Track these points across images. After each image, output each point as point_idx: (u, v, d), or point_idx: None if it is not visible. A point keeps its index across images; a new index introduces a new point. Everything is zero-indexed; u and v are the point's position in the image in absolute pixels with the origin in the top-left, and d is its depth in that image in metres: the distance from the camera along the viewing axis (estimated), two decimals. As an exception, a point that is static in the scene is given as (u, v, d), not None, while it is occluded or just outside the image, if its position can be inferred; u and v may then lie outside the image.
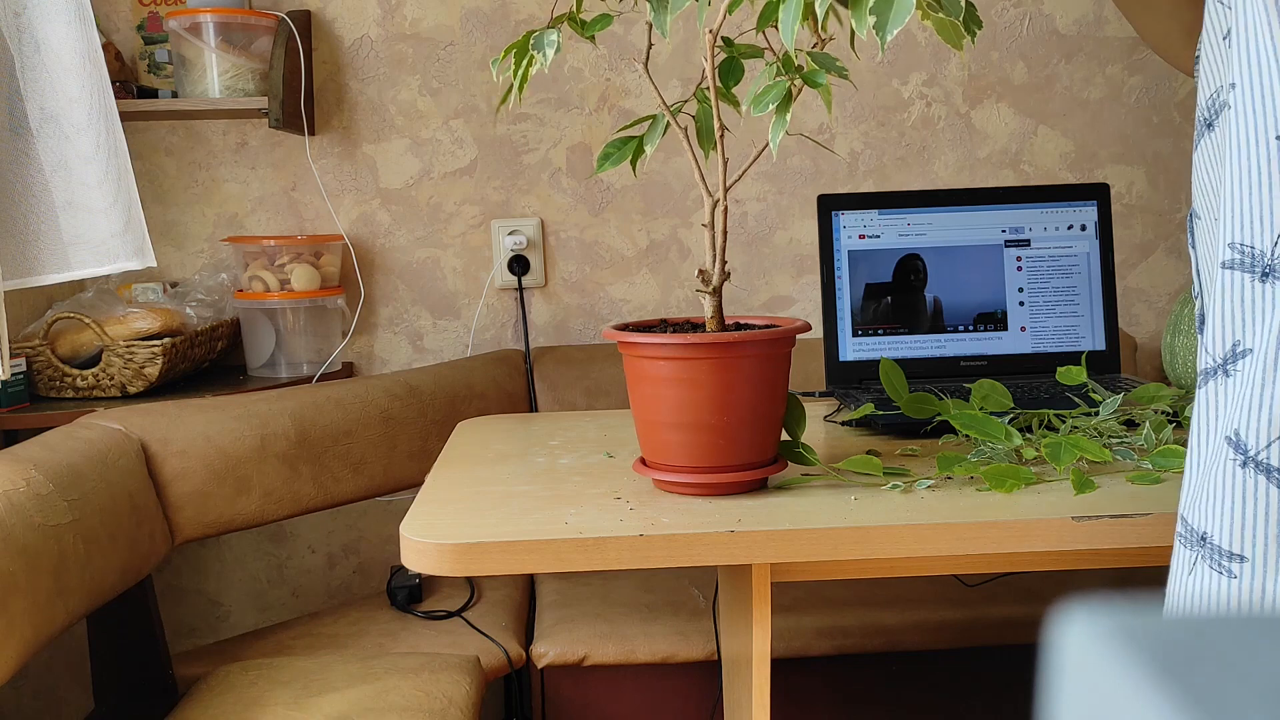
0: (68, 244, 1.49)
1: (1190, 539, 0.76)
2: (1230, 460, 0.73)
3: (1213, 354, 0.77)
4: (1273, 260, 0.74)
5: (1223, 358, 0.76)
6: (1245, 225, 0.75)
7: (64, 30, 1.47)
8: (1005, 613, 1.78)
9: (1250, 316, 0.75)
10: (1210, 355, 0.77)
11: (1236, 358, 0.75)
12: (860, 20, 0.86)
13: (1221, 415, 0.76)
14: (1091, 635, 0.25)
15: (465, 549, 0.95)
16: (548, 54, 1.05)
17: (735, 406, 1.02)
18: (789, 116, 0.96)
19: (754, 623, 1.04)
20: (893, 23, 0.84)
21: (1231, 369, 0.76)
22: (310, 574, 2.30)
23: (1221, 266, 0.76)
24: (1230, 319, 0.76)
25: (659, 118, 1.10)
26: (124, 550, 1.46)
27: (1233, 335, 0.76)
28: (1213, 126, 0.84)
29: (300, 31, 2.10)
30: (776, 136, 0.96)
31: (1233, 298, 0.75)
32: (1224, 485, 0.74)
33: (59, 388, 1.87)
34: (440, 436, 1.91)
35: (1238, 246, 0.75)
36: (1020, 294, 1.56)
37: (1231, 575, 0.73)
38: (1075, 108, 2.29)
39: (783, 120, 0.96)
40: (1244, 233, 0.75)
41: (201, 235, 2.23)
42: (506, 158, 2.25)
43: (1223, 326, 0.76)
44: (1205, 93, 0.85)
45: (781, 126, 0.96)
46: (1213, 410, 0.77)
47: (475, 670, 1.57)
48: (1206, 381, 0.78)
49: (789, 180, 2.28)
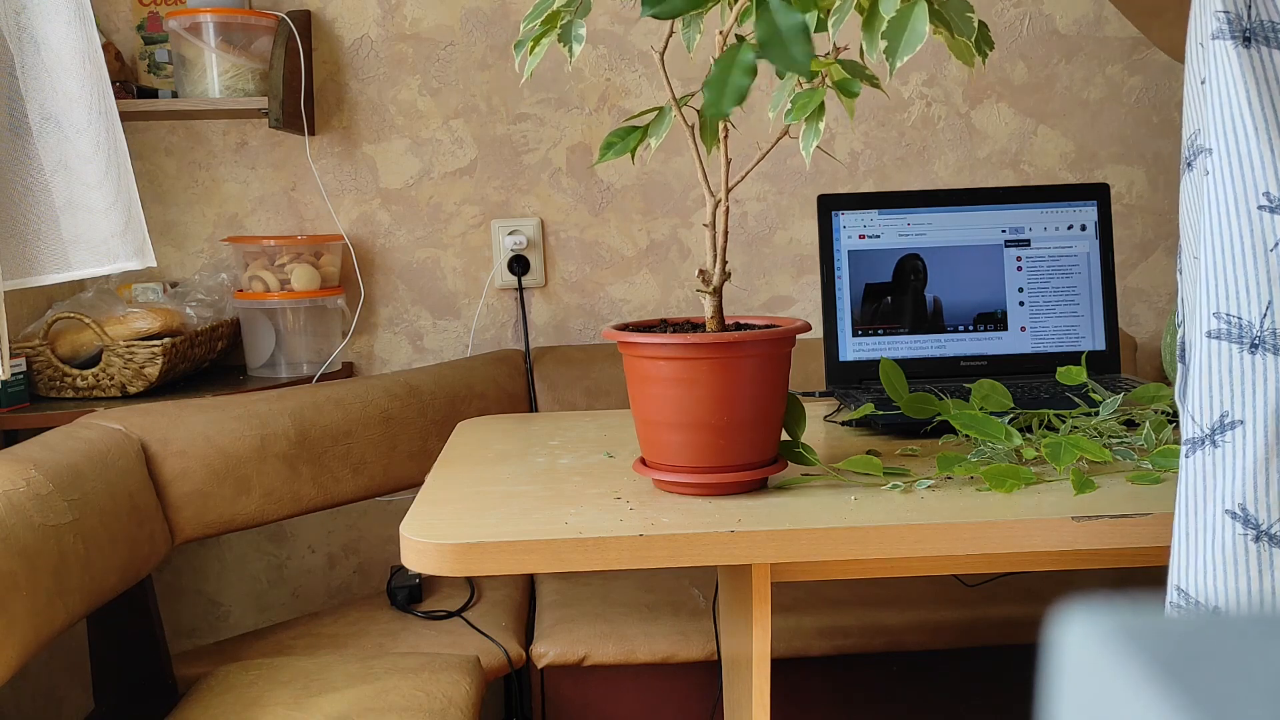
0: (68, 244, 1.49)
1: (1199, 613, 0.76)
2: (1240, 535, 0.73)
3: (1200, 424, 0.76)
4: (1261, 332, 0.73)
5: (1210, 428, 0.76)
6: (1230, 295, 0.75)
7: (64, 30, 1.47)
8: (1005, 613, 1.78)
9: (1239, 388, 0.74)
10: (1197, 425, 0.76)
11: (1225, 429, 0.75)
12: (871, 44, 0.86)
13: (1216, 487, 0.75)
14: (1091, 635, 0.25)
15: (465, 549, 0.95)
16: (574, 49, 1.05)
17: (735, 406, 1.02)
18: (822, 126, 0.95)
19: (754, 623, 1.04)
20: (904, 50, 0.84)
21: (1220, 440, 0.75)
22: (310, 574, 2.30)
23: (1207, 336, 0.76)
24: (1218, 389, 0.75)
25: (665, 109, 1.10)
26: (124, 550, 1.46)
27: (1220, 406, 0.75)
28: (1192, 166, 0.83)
29: (300, 31, 2.10)
30: (810, 146, 0.95)
31: (1219, 368, 0.75)
32: (1235, 560, 0.74)
33: (59, 388, 1.87)
34: (440, 436, 1.91)
35: (1223, 316, 0.75)
36: (1020, 294, 1.56)
37: None
38: (1075, 108, 2.29)
39: (816, 130, 0.95)
40: (1229, 303, 0.75)
41: (201, 235, 2.23)
42: (506, 158, 2.25)
43: (1210, 396, 0.76)
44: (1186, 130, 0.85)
45: (815, 136, 0.95)
46: (1202, 481, 0.76)
47: (475, 670, 1.57)
48: (1195, 451, 0.77)
49: (789, 180, 2.28)
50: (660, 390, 1.03)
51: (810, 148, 0.96)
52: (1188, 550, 0.77)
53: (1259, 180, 0.73)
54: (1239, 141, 0.74)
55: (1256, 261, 0.74)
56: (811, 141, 0.96)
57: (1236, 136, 0.74)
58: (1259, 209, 0.73)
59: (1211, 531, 0.75)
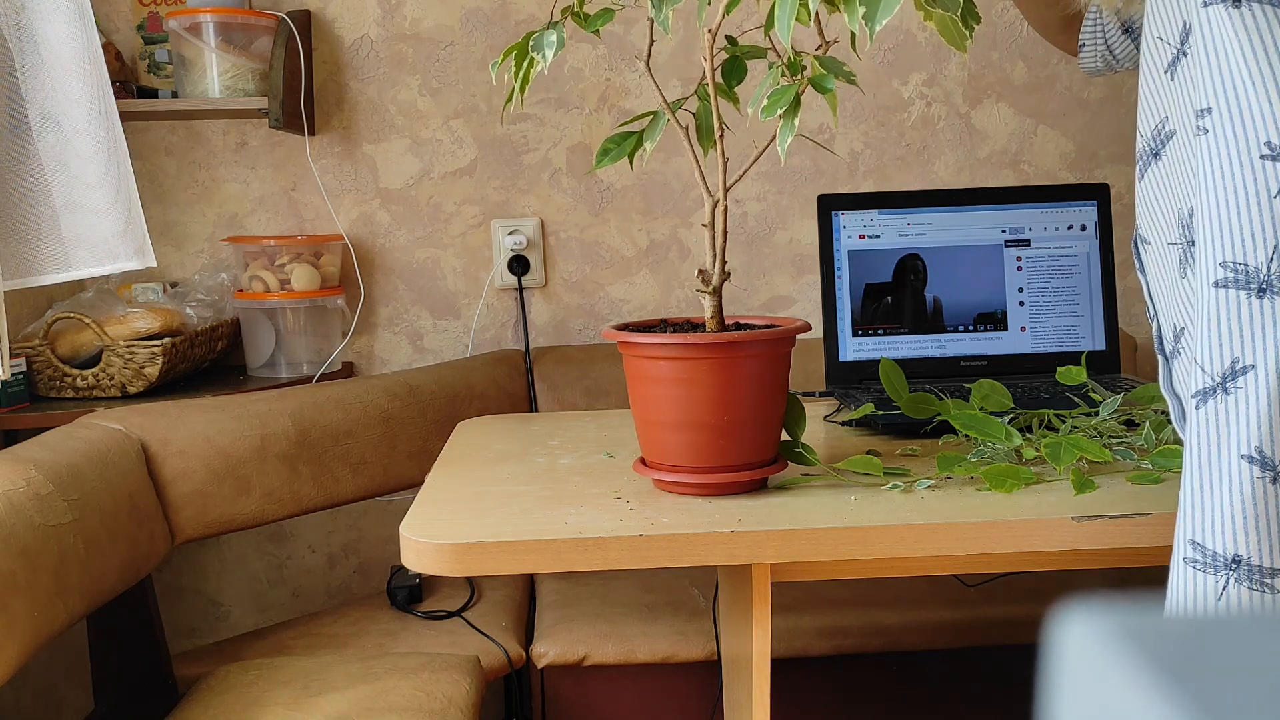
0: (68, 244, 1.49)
1: (1215, 564, 0.76)
2: (1258, 479, 0.74)
3: (1210, 373, 0.77)
4: (1269, 276, 0.75)
5: (1221, 376, 0.77)
6: (1237, 244, 0.76)
7: (64, 30, 1.47)
8: (1005, 613, 1.78)
9: (1250, 333, 0.76)
10: (1207, 375, 0.77)
11: (1237, 375, 0.76)
12: (851, 13, 0.86)
13: (1231, 434, 0.76)
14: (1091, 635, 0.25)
15: (465, 549, 0.95)
16: (547, 54, 1.05)
17: (735, 406, 1.02)
18: (797, 121, 0.96)
19: (754, 623, 1.04)
20: (881, 13, 0.85)
21: (1232, 386, 0.76)
22: (310, 574, 2.30)
23: (1214, 286, 0.77)
24: (1228, 337, 0.76)
25: (659, 115, 1.10)
26: (124, 550, 1.46)
27: (1231, 353, 0.76)
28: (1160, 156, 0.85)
29: (300, 31, 2.10)
30: (785, 141, 0.96)
31: (1228, 315, 0.76)
32: (1255, 502, 0.74)
33: (59, 388, 1.87)
34: (440, 436, 1.91)
35: (1230, 265, 0.76)
36: (1020, 294, 1.56)
37: (1272, 590, 0.75)
38: (1075, 108, 2.29)
39: (791, 125, 0.96)
40: (1236, 251, 0.76)
41: (201, 235, 2.23)
42: (506, 158, 2.25)
43: (1220, 345, 0.77)
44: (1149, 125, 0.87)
45: (790, 132, 0.96)
46: (1215, 430, 0.77)
47: (475, 670, 1.57)
48: (1206, 401, 0.78)
49: (789, 180, 2.28)
50: (660, 390, 1.03)
51: (786, 142, 0.96)
52: (1202, 502, 0.77)
53: (1260, 131, 0.75)
54: (1239, 96, 0.76)
55: (1261, 209, 0.75)
56: (787, 136, 0.96)
57: (1237, 92, 0.76)
58: (1261, 158, 0.75)
59: (1228, 478, 0.76)
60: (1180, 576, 0.79)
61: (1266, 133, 0.75)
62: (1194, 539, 0.78)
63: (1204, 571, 0.77)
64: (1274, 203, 0.75)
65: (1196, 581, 0.77)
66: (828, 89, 0.96)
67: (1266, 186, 0.75)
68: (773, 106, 0.96)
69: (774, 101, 0.96)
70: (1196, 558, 0.77)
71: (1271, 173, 0.75)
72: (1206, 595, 0.77)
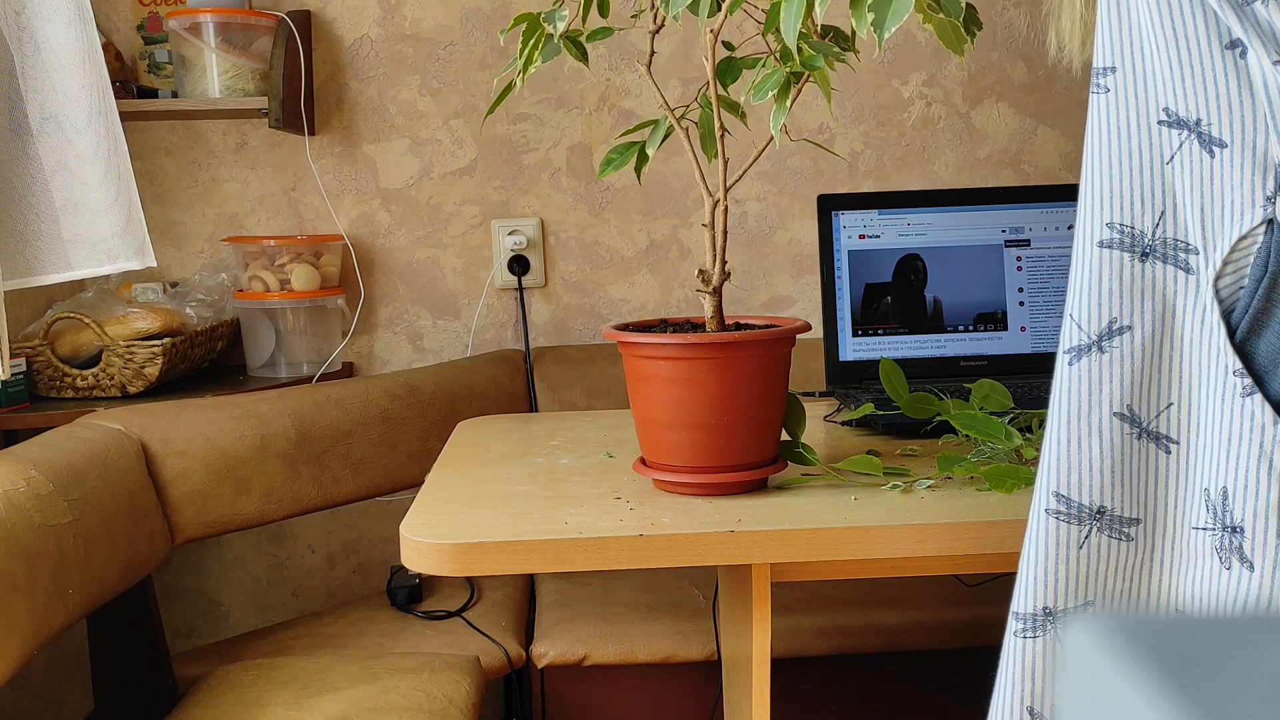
0: (68, 244, 1.49)
1: (1078, 514, 0.79)
2: (1126, 435, 0.78)
3: (1086, 330, 0.79)
4: (1153, 241, 0.77)
5: (1098, 334, 0.78)
6: (1125, 206, 0.78)
7: (64, 30, 1.47)
8: (1005, 613, 1.78)
9: (1129, 295, 0.78)
10: (1084, 332, 0.79)
11: (1113, 334, 0.78)
12: (860, 18, 0.86)
13: (1103, 391, 0.78)
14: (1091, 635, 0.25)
15: (465, 549, 0.95)
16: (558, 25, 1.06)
17: (735, 406, 1.02)
18: (789, 104, 0.96)
19: (754, 623, 1.04)
20: (891, 20, 0.85)
21: (1108, 345, 0.78)
22: (310, 574, 2.30)
23: (1099, 245, 0.79)
24: (1108, 297, 0.78)
25: (661, 121, 1.10)
26: (124, 550, 1.46)
27: (1109, 313, 0.78)
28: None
29: (300, 31, 2.10)
30: (778, 123, 0.96)
31: (1110, 275, 0.78)
32: (1122, 458, 0.78)
33: (59, 388, 1.87)
34: (440, 436, 1.91)
35: (1117, 226, 0.78)
36: (1020, 294, 1.56)
37: (1129, 539, 0.79)
38: (1075, 107, 2.29)
39: (783, 107, 0.96)
40: (1123, 213, 0.78)
41: (201, 235, 2.23)
42: (506, 158, 2.25)
43: (1099, 304, 0.78)
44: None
45: (782, 114, 0.96)
46: (1088, 386, 0.79)
47: (475, 670, 1.57)
48: (1080, 358, 0.79)
49: (789, 180, 2.28)
50: (660, 390, 1.03)
51: (779, 124, 0.96)
52: (1068, 455, 0.80)
53: (1161, 96, 0.76)
54: (1145, 59, 0.77)
55: (1153, 174, 0.77)
56: (780, 118, 0.96)
57: (1143, 54, 0.77)
58: (1159, 124, 0.76)
59: (1098, 434, 0.78)
60: (1042, 526, 0.81)
61: (1166, 99, 0.76)
62: (1058, 490, 0.80)
63: (1067, 522, 0.80)
64: (1165, 169, 0.76)
65: (1060, 531, 0.80)
66: (815, 67, 0.96)
67: (1160, 152, 0.76)
68: (762, 88, 0.97)
69: (763, 83, 0.97)
70: (1060, 509, 0.80)
71: (1166, 139, 0.76)
72: (1069, 544, 0.80)
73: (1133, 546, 0.79)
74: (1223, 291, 0.74)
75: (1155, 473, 0.78)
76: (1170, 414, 0.77)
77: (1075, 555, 0.80)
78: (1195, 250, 0.76)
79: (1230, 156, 0.74)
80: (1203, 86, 0.75)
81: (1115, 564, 0.79)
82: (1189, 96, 0.75)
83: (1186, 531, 0.76)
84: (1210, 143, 0.74)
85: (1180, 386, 0.77)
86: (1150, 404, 0.78)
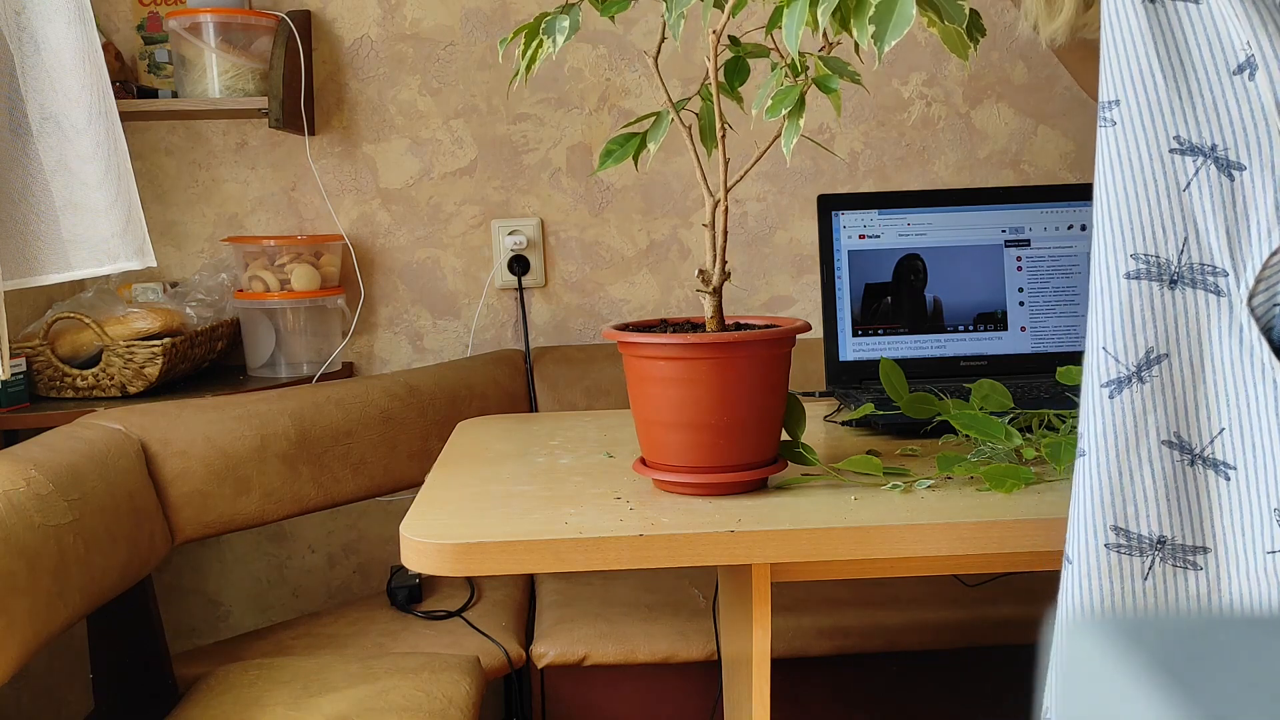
0: (68, 244, 1.49)
1: (1139, 545, 0.79)
2: (1177, 463, 0.78)
3: (1124, 362, 0.79)
4: (1180, 268, 0.78)
5: (1136, 365, 0.79)
6: (1147, 237, 0.79)
7: (64, 30, 1.47)
8: (1005, 613, 1.78)
9: (1163, 323, 0.78)
10: (1121, 364, 0.80)
11: (1151, 364, 0.79)
12: (860, 30, 0.86)
13: (1149, 421, 0.79)
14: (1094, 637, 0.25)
15: (465, 549, 0.95)
16: (558, 40, 1.05)
17: (735, 406, 1.02)
18: (802, 122, 0.96)
19: (754, 623, 1.04)
20: (892, 33, 0.85)
21: (1147, 375, 0.79)
22: (310, 574, 2.30)
23: (1126, 278, 0.79)
24: (1140, 328, 0.79)
25: (663, 114, 1.10)
26: (124, 550, 1.46)
27: (1145, 343, 0.79)
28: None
29: (300, 31, 2.10)
30: (790, 142, 0.96)
31: (1141, 307, 0.79)
32: (1175, 486, 0.78)
33: (59, 388, 1.87)
34: (440, 436, 1.91)
35: (1142, 257, 0.79)
36: (1020, 294, 1.56)
37: (1196, 568, 0.78)
38: (1075, 107, 2.29)
39: (796, 126, 0.96)
40: (1147, 243, 0.79)
41: (201, 235, 2.23)
42: (506, 158, 2.25)
43: (1133, 335, 0.79)
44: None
45: (795, 132, 0.96)
46: (1132, 418, 0.79)
47: (475, 670, 1.57)
48: (1121, 390, 0.80)
49: (789, 180, 2.28)
50: (660, 390, 1.03)
51: (791, 143, 0.96)
52: (1121, 488, 0.80)
53: (1169, 125, 0.77)
54: (1149, 90, 0.78)
55: (1170, 202, 0.78)
56: (792, 137, 0.96)
57: (1146, 86, 0.78)
58: (1170, 152, 0.77)
59: (1149, 464, 0.79)
60: (1103, 562, 0.81)
61: (1176, 127, 0.77)
62: (1116, 524, 0.80)
63: (1128, 554, 0.80)
64: (1183, 196, 0.77)
65: (1122, 565, 0.80)
66: (832, 89, 0.96)
67: (1176, 180, 0.77)
68: (777, 107, 0.96)
69: (778, 102, 0.96)
70: (1120, 542, 0.80)
71: (1180, 166, 0.77)
72: (1133, 576, 0.80)
73: (1202, 576, 0.78)
74: (1258, 309, 0.75)
75: (1217, 500, 0.78)
76: (1224, 440, 0.77)
77: (1141, 587, 0.80)
78: (1224, 272, 0.76)
79: (1251, 178, 0.75)
80: (1214, 113, 0.76)
81: (1188, 595, 0.79)
82: (1201, 124, 0.76)
83: (1260, 557, 0.76)
84: (1229, 166, 0.75)
85: (1229, 410, 0.77)
86: (1199, 430, 0.78)
